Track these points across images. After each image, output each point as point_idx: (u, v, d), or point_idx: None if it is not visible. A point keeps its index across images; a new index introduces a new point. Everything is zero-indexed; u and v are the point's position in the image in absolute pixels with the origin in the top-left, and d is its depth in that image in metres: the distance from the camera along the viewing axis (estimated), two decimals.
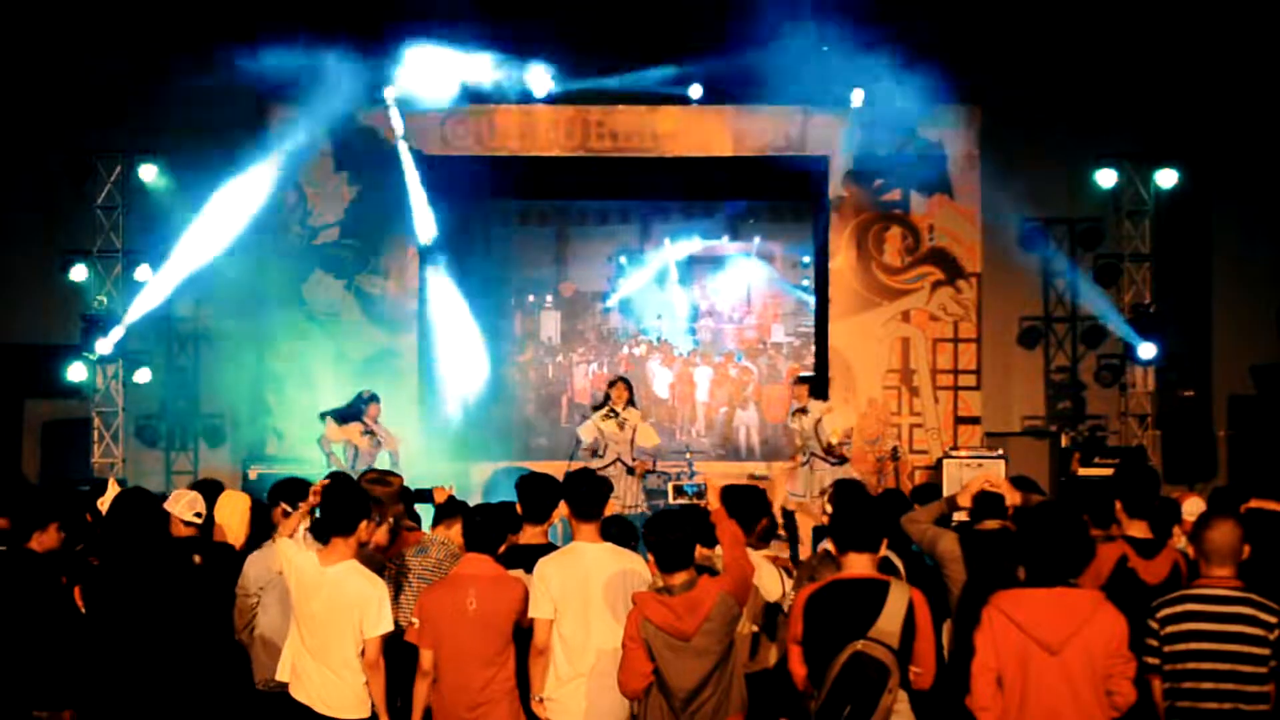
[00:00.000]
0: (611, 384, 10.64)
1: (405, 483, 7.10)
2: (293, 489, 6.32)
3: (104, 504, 6.35)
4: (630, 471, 10.44)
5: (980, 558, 5.41)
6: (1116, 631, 4.42)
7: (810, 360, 13.31)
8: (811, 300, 13.13)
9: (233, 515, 6.45)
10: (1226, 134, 12.95)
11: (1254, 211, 13.10)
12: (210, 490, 6.56)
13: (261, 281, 12.89)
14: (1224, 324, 13.28)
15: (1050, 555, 4.51)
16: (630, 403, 10.59)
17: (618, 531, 6.39)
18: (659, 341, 13.13)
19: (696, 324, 13.07)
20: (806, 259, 12.88)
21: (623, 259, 13.14)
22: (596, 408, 10.81)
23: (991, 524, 5.61)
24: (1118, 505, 5.45)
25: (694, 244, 12.14)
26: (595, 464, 9.94)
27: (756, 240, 12.76)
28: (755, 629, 5.57)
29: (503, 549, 5.70)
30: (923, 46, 12.65)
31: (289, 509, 6.00)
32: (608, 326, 13.60)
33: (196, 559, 5.83)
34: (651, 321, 12.52)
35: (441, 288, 13.55)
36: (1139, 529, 5.42)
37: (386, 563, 6.01)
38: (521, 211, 14.29)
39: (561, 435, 13.61)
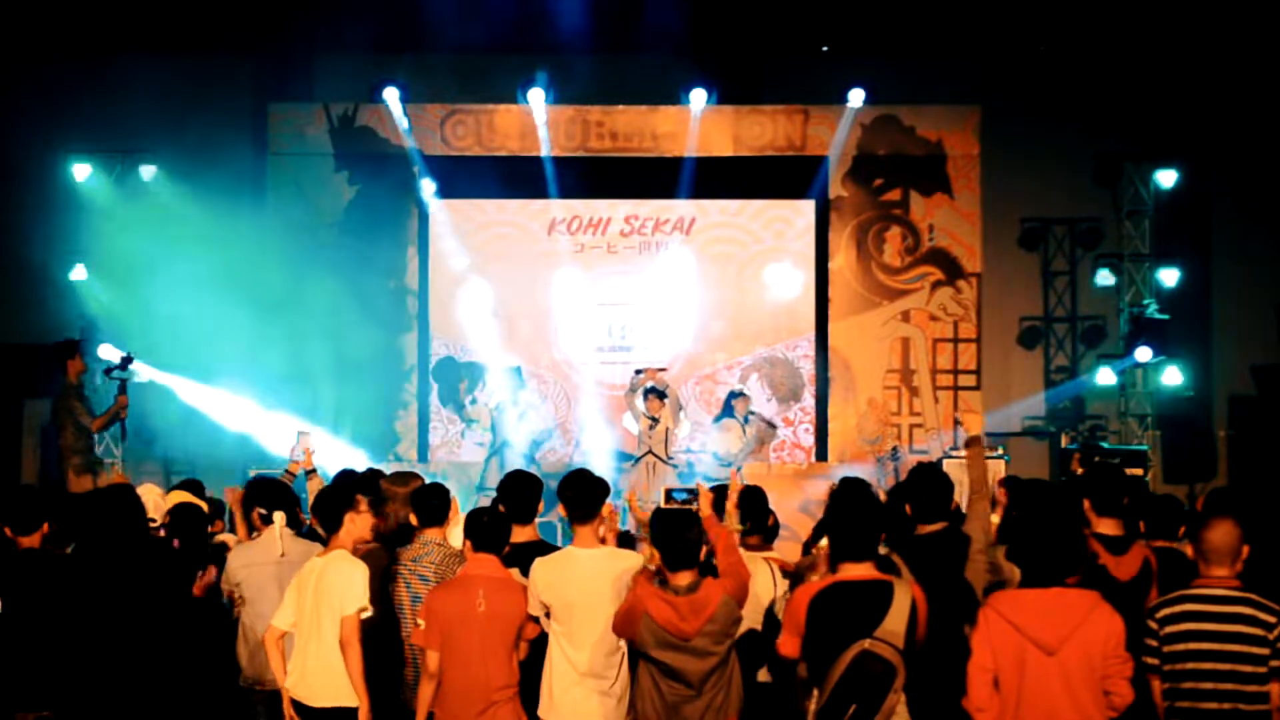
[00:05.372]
0: (646, 395, 11.59)
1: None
2: (270, 491, 6.31)
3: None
4: (668, 461, 11.42)
5: (924, 561, 5.32)
6: (1113, 631, 4.41)
7: (809, 355, 13.32)
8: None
9: (157, 511, 6.50)
10: (1226, 134, 12.96)
11: (1254, 211, 13.10)
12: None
13: (261, 281, 12.86)
14: (1224, 324, 13.27)
15: (1045, 556, 4.50)
16: (661, 395, 11.54)
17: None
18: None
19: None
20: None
21: None
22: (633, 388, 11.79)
23: (935, 526, 5.52)
24: (1086, 504, 5.46)
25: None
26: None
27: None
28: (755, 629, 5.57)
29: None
30: (923, 46, 12.68)
31: (264, 512, 6.01)
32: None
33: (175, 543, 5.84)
34: None
35: (442, 287, 13.54)
36: (1108, 526, 5.43)
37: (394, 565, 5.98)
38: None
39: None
